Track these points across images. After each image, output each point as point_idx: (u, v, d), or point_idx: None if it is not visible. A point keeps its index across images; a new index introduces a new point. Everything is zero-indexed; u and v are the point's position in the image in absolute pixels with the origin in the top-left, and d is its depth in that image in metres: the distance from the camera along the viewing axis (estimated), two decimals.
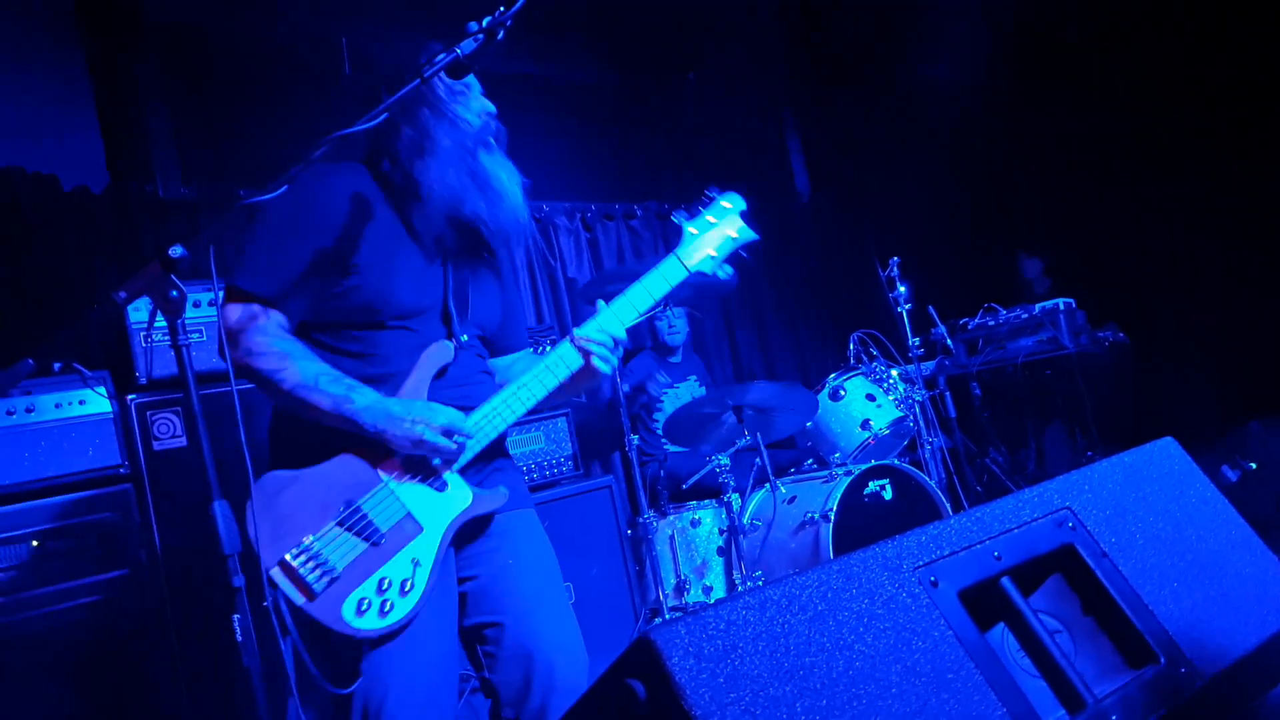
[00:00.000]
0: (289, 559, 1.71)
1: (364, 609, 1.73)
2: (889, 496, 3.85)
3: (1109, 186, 5.68)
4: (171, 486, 2.86)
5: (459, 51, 1.77)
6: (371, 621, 1.73)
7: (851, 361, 4.49)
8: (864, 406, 4.24)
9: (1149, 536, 1.62)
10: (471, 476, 1.94)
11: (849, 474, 3.79)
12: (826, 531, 3.59)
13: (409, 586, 1.78)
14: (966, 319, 5.29)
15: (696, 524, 3.89)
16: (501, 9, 1.76)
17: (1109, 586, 1.51)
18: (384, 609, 1.75)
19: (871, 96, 6.46)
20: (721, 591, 3.83)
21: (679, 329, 4.98)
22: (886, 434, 4.23)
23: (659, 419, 4.79)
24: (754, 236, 2.09)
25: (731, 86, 6.63)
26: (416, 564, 1.80)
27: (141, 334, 2.95)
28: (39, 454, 2.71)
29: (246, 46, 4.56)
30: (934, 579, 1.36)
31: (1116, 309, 5.32)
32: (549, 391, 1.98)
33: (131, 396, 2.89)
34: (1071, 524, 1.57)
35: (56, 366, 2.83)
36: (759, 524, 3.94)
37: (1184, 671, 1.44)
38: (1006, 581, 1.46)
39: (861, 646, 1.24)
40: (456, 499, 1.89)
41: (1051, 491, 1.61)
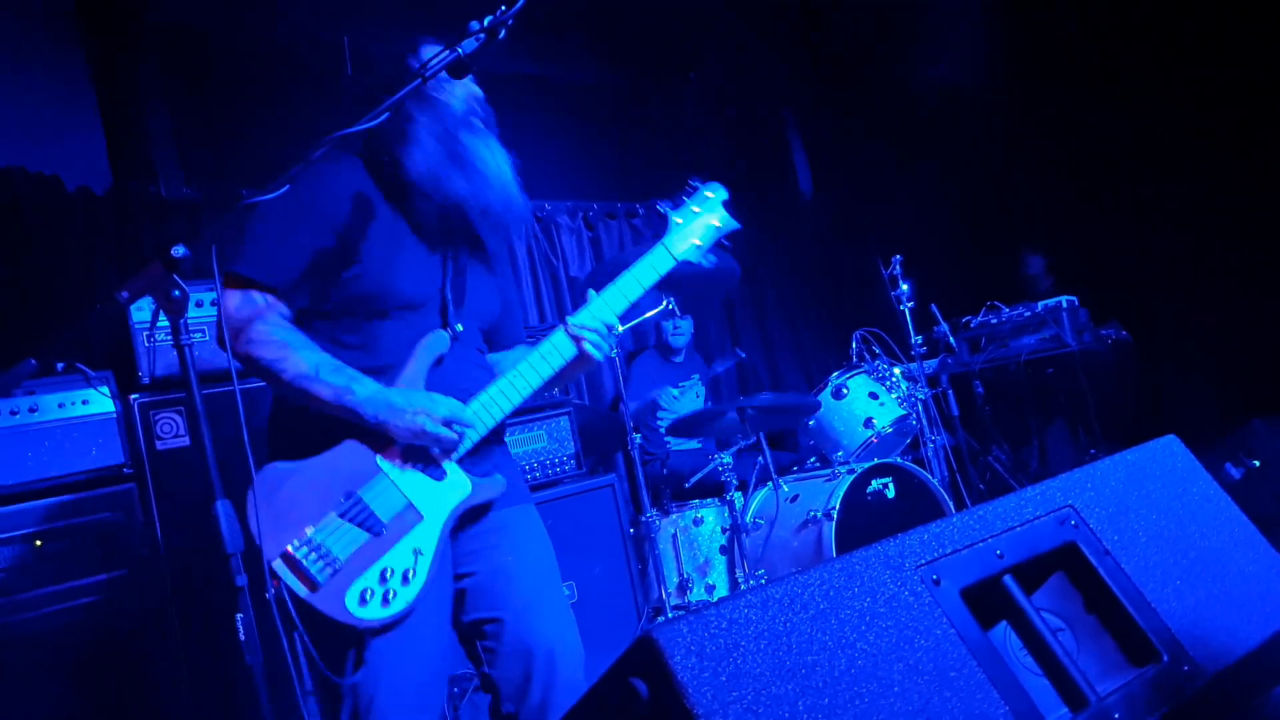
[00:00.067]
0: (291, 550, 1.71)
1: (367, 599, 1.74)
2: (892, 495, 3.85)
3: (1111, 184, 5.66)
4: (174, 486, 2.86)
5: (460, 51, 1.77)
6: (375, 611, 1.74)
7: (854, 360, 4.49)
8: (867, 405, 4.24)
9: (1152, 534, 1.62)
10: (469, 465, 1.94)
11: (852, 472, 3.78)
12: (829, 530, 3.58)
13: (411, 576, 1.79)
14: (969, 317, 5.29)
15: (699, 522, 3.89)
16: (503, 8, 1.76)
17: (1111, 584, 1.50)
18: (387, 598, 1.75)
19: (873, 95, 6.45)
20: (724, 590, 3.83)
21: (683, 330, 4.99)
22: (889, 432, 4.23)
23: (662, 418, 4.79)
24: (736, 225, 2.16)
25: (733, 86, 6.63)
26: (418, 553, 1.81)
27: (144, 334, 2.95)
28: (42, 453, 2.72)
29: (247, 47, 4.56)
30: (936, 577, 1.36)
31: (1119, 307, 5.31)
32: (544, 380, 1.99)
33: (134, 396, 2.89)
34: (1074, 522, 1.56)
35: (59, 366, 2.83)
36: (761, 522, 3.94)
37: (1187, 669, 1.43)
38: (1009, 580, 1.46)
39: (864, 645, 1.24)
40: (456, 488, 1.90)
41: (1054, 489, 1.61)
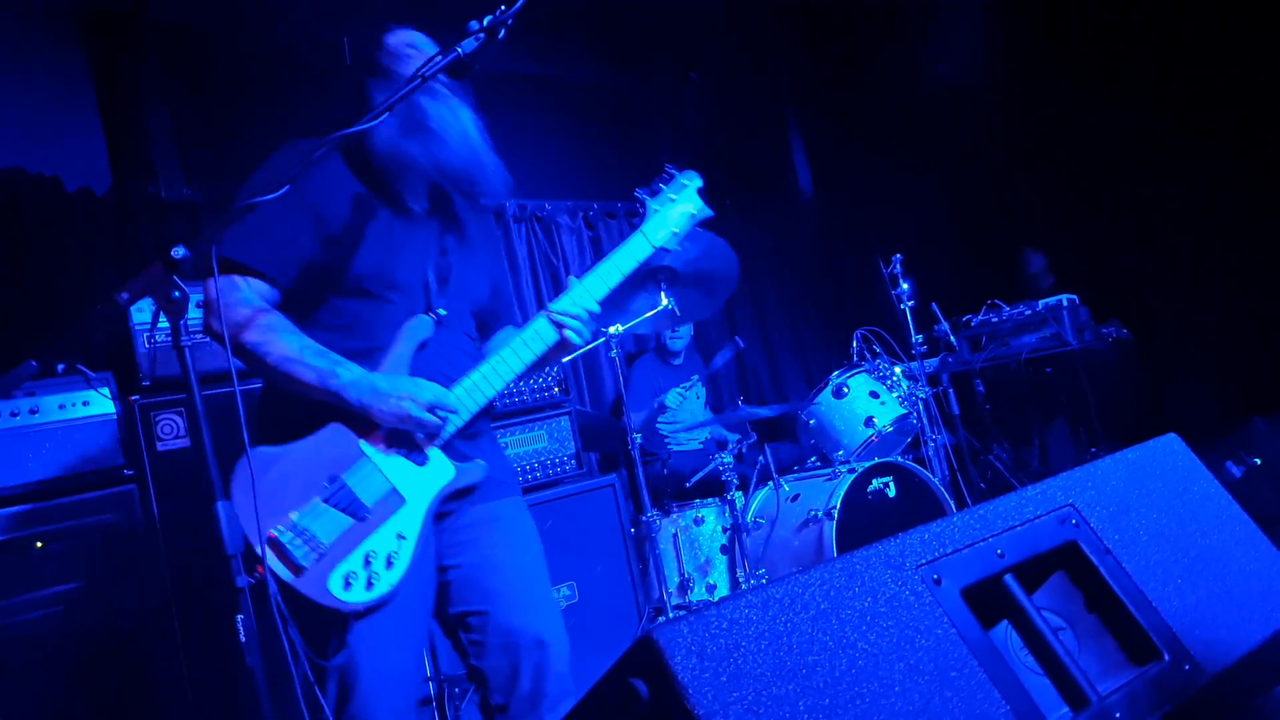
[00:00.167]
0: (275, 535, 1.71)
1: (351, 582, 1.75)
2: (892, 494, 3.85)
3: (1111, 183, 5.66)
4: (175, 487, 2.86)
5: (460, 51, 1.77)
6: (358, 595, 1.75)
7: (855, 359, 4.48)
8: (867, 404, 4.24)
9: (1153, 533, 1.62)
10: (452, 450, 1.95)
11: (852, 471, 3.78)
12: (830, 529, 3.58)
13: (394, 559, 1.80)
14: (970, 316, 5.28)
15: (700, 522, 3.89)
16: (502, 8, 1.77)
17: (1112, 583, 1.50)
18: (370, 582, 1.76)
19: (873, 95, 6.45)
20: (725, 590, 3.83)
21: (681, 334, 4.97)
22: (890, 431, 4.23)
23: (666, 422, 4.79)
24: (710, 213, 2.22)
25: (734, 85, 6.63)
26: (401, 538, 1.82)
27: (144, 335, 2.95)
28: (42, 455, 2.72)
29: (248, 47, 4.56)
30: (937, 577, 1.36)
31: (1120, 305, 5.31)
32: (527, 365, 2.01)
33: (135, 397, 2.89)
34: (1075, 521, 1.56)
35: (60, 368, 2.82)
36: (762, 522, 3.93)
37: (1188, 668, 1.43)
38: (1010, 579, 1.46)
39: (864, 645, 1.24)
40: (439, 472, 1.91)
41: (1054, 488, 1.61)
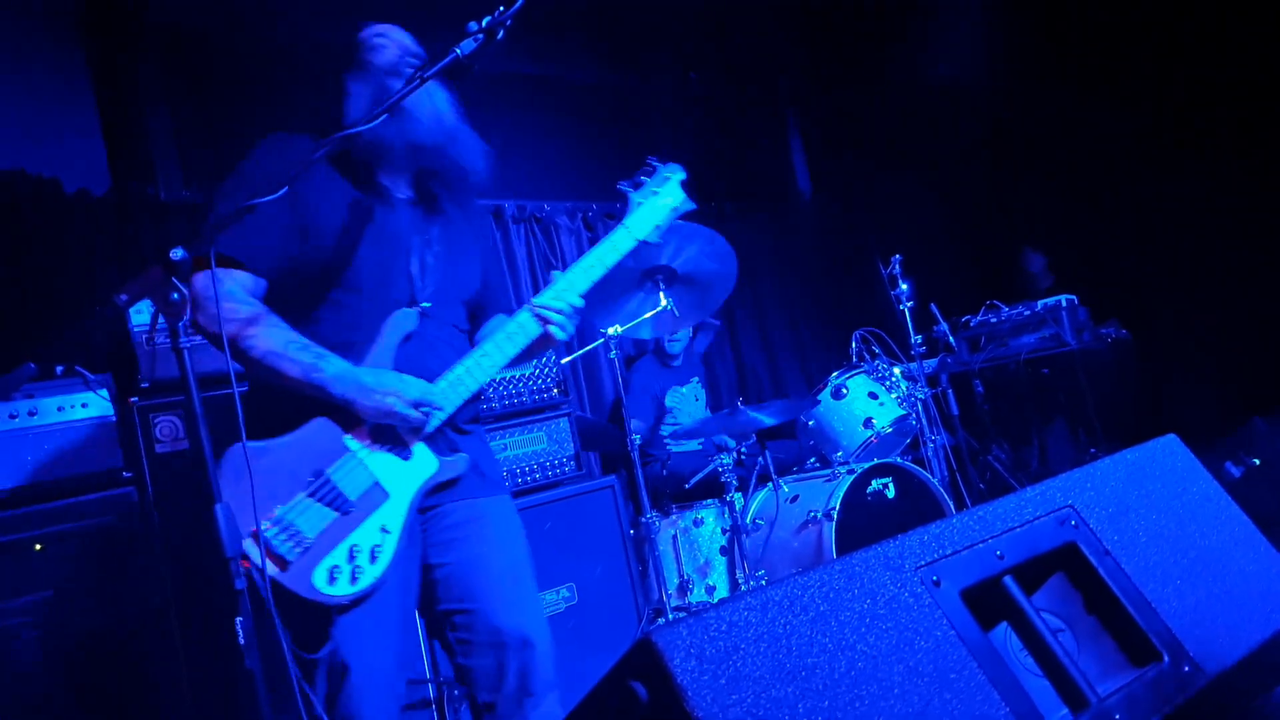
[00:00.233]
0: (259, 528, 1.71)
1: (335, 576, 1.76)
2: (892, 495, 3.84)
3: (1111, 183, 5.67)
4: (173, 489, 2.86)
5: (459, 52, 1.77)
6: (343, 588, 1.76)
7: (854, 360, 4.48)
8: (866, 405, 4.24)
9: (1152, 534, 1.62)
10: (436, 444, 1.95)
11: (851, 472, 3.78)
12: (829, 530, 3.58)
13: (378, 553, 1.81)
14: (968, 316, 5.28)
15: (699, 524, 3.89)
16: (501, 9, 1.77)
17: (1112, 585, 1.50)
18: (354, 575, 1.78)
19: (873, 95, 6.45)
20: (725, 591, 3.83)
21: (680, 337, 4.95)
22: (889, 432, 4.23)
23: (668, 424, 4.79)
24: (692, 206, 2.25)
25: (733, 85, 6.63)
26: (385, 531, 1.83)
27: (144, 337, 2.95)
28: (41, 457, 2.72)
29: (247, 48, 4.56)
30: (936, 578, 1.36)
31: (1119, 305, 5.31)
32: (510, 358, 2.02)
33: (134, 399, 2.89)
34: (1074, 522, 1.56)
35: (59, 370, 2.83)
36: (762, 523, 3.93)
37: (1187, 670, 1.43)
38: (1009, 580, 1.46)
39: (864, 647, 1.24)
40: (422, 466, 1.92)
41: (1053, 490, 1.61)
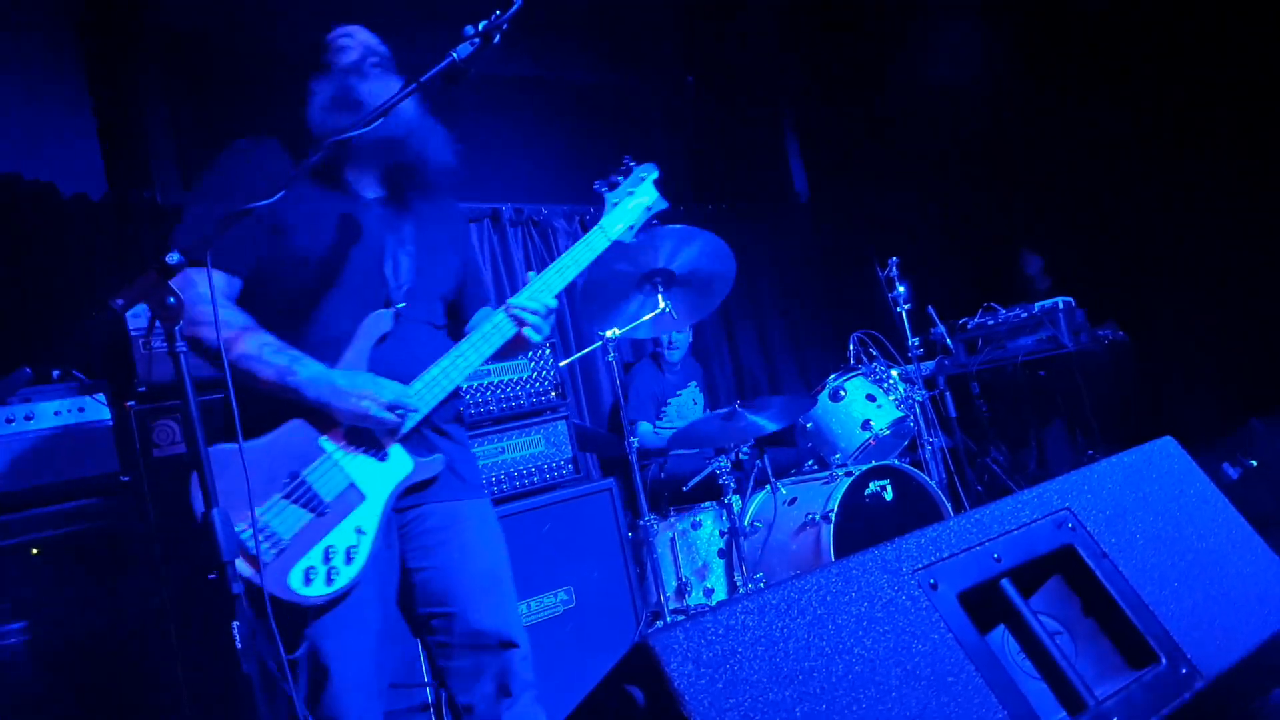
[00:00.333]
0: (238, 529, 1.71)
1: (311, 578, 1.77)
2: (890, 497, 3.84)
3: (1108, 185, 5.67)
4: (171, 493, 2.86)
5: (455, 55, 1.78)
6: (318, 589, 1.77)
7: (851, 362, 4.48)
8: (864, 407, 4.24)
9: (1149, 536, 1.62)
10: (412, 446, 1.96)
11: (849, 475, 3.78)
12: (827, 533, 3.58)
13: (353, 554, 1.82)
14: (966, 318, 5.28)
15: (697, 526, 3.89)
16: (497, 13, 1.77)
17: (1109, 587, 1.50)
18: (330, 576, 1.78)
19: (870, 97, 6.45)
20: (723, 593, 3.83)
21: (678, 344, 4.93)
22: (887, 434, 4.23)
23: (660, 423, 4.79)
24: (665, 205, 2.27)
25: (730, 88, 6.63)
26: (360, 532, 1.84)
27: (141, 341, 2.94)
28: (39, 461, 2.71)
29: (246, 50, 4.56)
30: (933, 581, 1.36)
31: (1116, 307, 5.31)
32: (485, 359, 2.03)
33: (131, 403, 2.88)
34: (1071, 525, 1.56)
35: (55, 374, 2.83)
36: (760, 526, 3.93)
37: (1185, 672, 1.43)
38: (1006, 583, 1.46)
39: (861, 650, 1.24)
40: (397, 467, 1.93)
41: (1051, 492, 1.61)
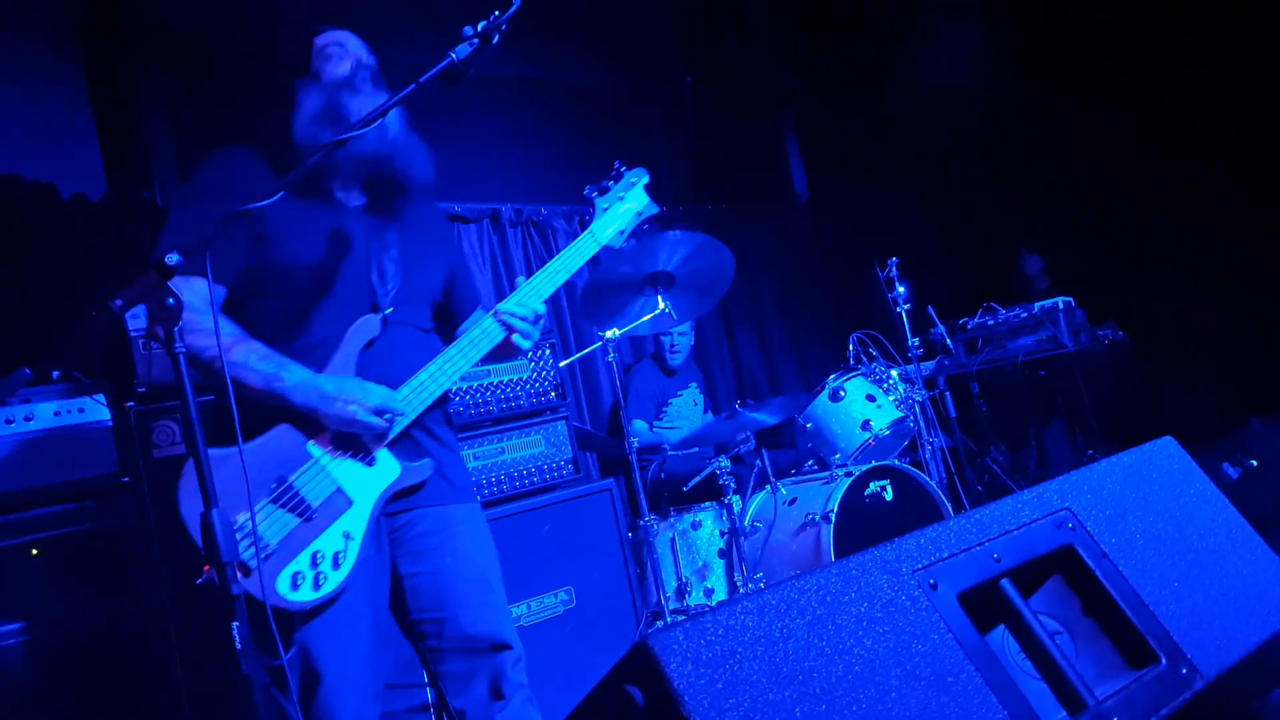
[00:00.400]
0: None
1: (298, 582, 1.76)
2: (890, 497, 3.84)
3: (1108, 185, 5.67)
4: (171, 493, 2.85)
5: (454, 56, 1.78)
6: (306, 594, 1.77)
7: (851, 362, 4.48)
8: (864, 407, 4.23)
9: (1149, 536, 1.62)
10: (400, 451, 1.96)
11: (849, 475, 3.78)
12: (827, 533, 3.58)
13: (341, 559, 1.82)
14: (966, 318, 5.28)
15: (697, 526, 3.89)
16: (496, 13, 1.77)
17: (1109, 587, 1.50)
18: (317, 581, 1.78)
19: (869, 97, 6.45)
20: (723, 594, 3.82)
21: (680, 347, 4.91)
22: (887, 434, 4.23)
23: (661, 426, 4.79)
24: (656, 209, 2.27)
25: (729, 88, 6.63)
26: (348, 537, 1.84)
27: (140, 341, 2.94)
28: (38, 462, 2.71)
29: (246, 50, 4.55)
30: (933, 581, 1.36)
31: (1116, 307, 5.31)
32: (474, 363, 2.03)
33: (131, 404, 2.88)
34: (1071, 525, 1.56)
35: (55, 375, 2.83)
36: (760, 526, 3.93)
37: (1185, 672, 1.43)
38: (1006, 583, 1.46)
39: (861, 650, 1.24)
40: (385, 472, 1.93)
41: (1051, 492, 1.61)
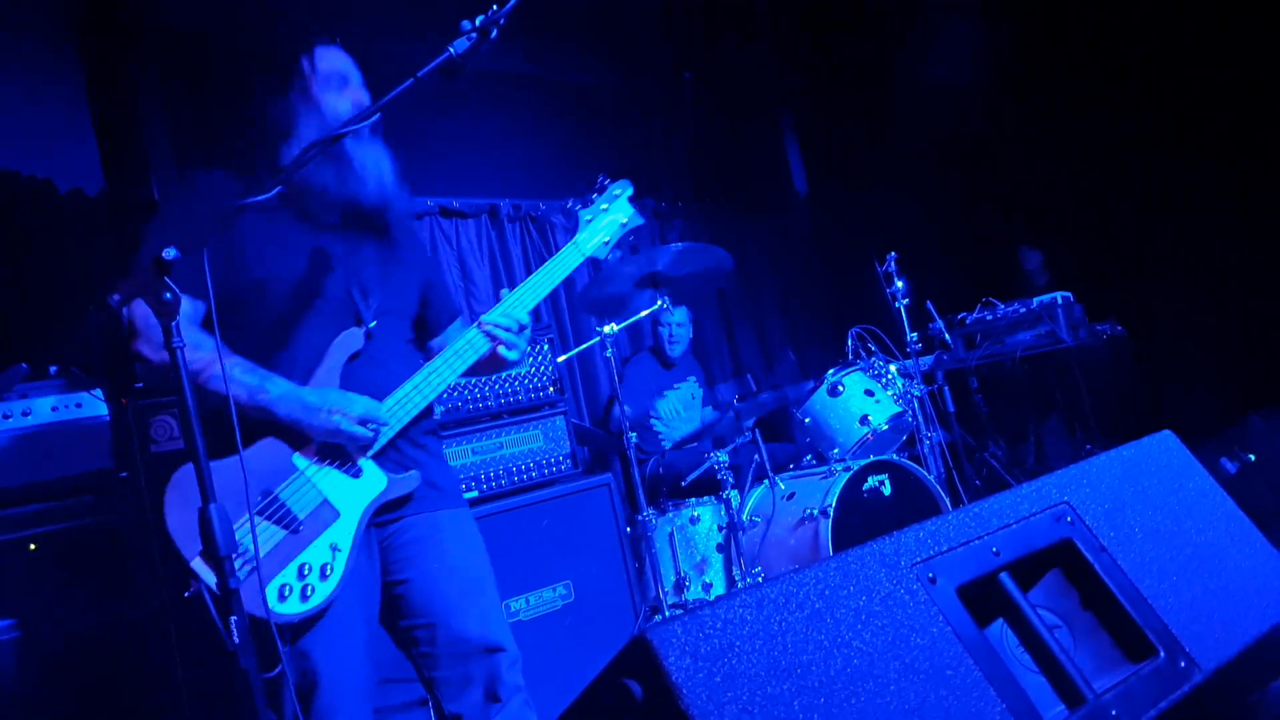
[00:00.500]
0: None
1: (285, 594, 1.77)
2: (888, 492, 3.84)
3: (1107, 180, 5.66)
4: (159, 501, 2.85)
5: (452, 50, 1.77)
6: (293, 606, 1.77)
7: (850, 357, 4.48)
8: (862, 402, 4.23)
9: (1147, 530, 1.62)
10: (386, 462, 1.96)
11: (848, 470, 3.78)
12: (826, 527, 3.58)
13: (329, 570, 1.82)
14: (964, 313, 5.27)
15: (696, 521, 3.89)
16: (494, 8, 1.77)
17: (1108, 581, 1.50)
18: (305, 593, 1.78)
19: (868, 93, 6.45)
20: (721, 588, 3.83)
21: (679, 339, 4.91)
22: (885, 429, 4.22)
23: (657, 421, 4.79)
24: (641, 221, 2.28)
25: (728, 84, 6.62)
26: (335, 549, 1.84)
27: None
28: (36, 457, 2.70)
29: (245, 49, 4.54)
30: (932, 575, 1.36)
31: (1114, 302, 5.31)
32: (459, 374, 2.03)
33: (128, 399, 2.88)
34: (1070, 518, 1.56)
35: (53, 370, 2.82)
36: (758, 520, 3.93)
37: (1183, 665, 1.43)
38: (1005, 577, 1.46)
39: (859, 644, 1.24)
40: (371, 484, 1.93)
41: (1049, 486, 1.61)
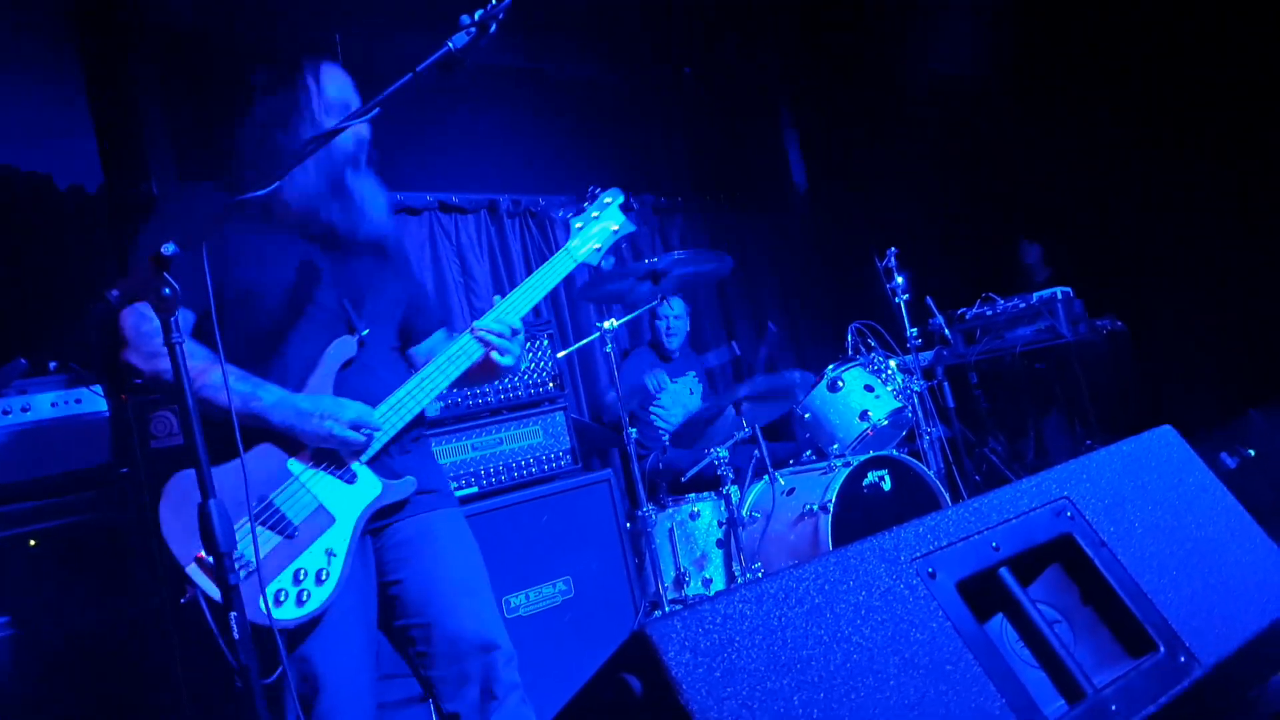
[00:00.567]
0: (205, 555, 1.70)
1: (281, 600, 1.77)
2: (888, 487, 3.85)
3: (1107, 175, 5.66)
4: (155, 505, 2.85)
5: (451, 45, 1.77)
6: (289, 611, 1.78)
7: (849, 353, 4.48)
8: (862, 397, 4.23)
9: (1147, 525, 1.62)
10: (380, 467, 1.97)
11: (847, 465, 3.78)
12: (825, 523, 3.58)
13: (325, 576, 1.83)
14: (964, 309, 5.27)
15: (695, 516, 3.89)
16: (493, 2, 1.76)
17: (1108, 576, 1.50)
18: (301, 599, 1.79)
19: (868, 88, 6.43)
20: (721, 584, 3.83)
21: (676, 330, 4.92)
22: (885, 425, 4.23)
23: (657, 412, 4.78)
24: (633, 228, 2.29)
25: (728, 79, 6.61)
26: (331, 554, 1.85)
27: None
28: (35, 453, 2.70)
29: (243, 47, 4.54)
30: (932, 570, 1.36)
31: (1114, 298, 5.31)
32: (452, 381, 2.04)
33: (128, 395, 2.88)
34: (1070, 513, 1.56)
35: (52, 365, 2.82)
36: (758, 516, 3.93)
37: (1183, 660, 1.43)
38: (1005, 572, 1.46)
39: (859, 639, 1.23)
40: (366, 489, 1.94)
41: (1049, 481, 1.61)
